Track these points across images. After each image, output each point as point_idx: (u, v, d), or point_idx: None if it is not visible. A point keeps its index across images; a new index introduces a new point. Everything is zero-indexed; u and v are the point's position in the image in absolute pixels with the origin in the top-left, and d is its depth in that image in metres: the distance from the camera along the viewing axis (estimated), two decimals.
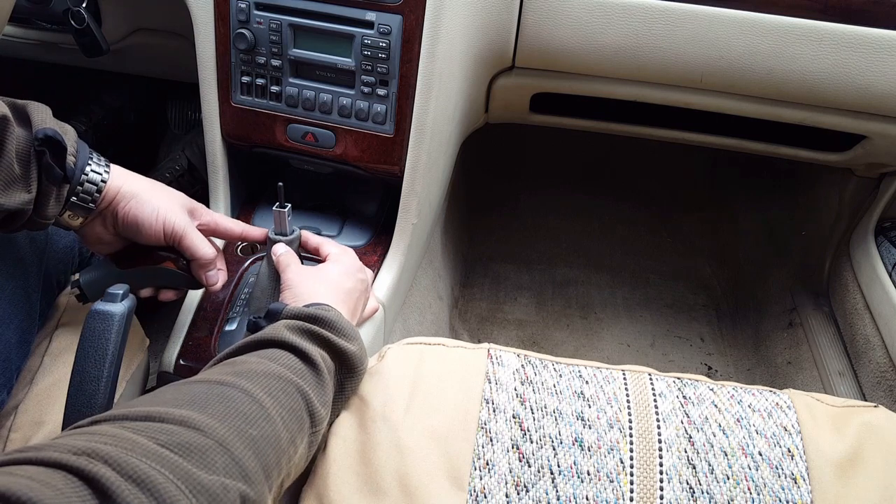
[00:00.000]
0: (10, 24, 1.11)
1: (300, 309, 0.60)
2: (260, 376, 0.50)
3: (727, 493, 0.56)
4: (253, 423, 0.46)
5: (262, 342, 0.55)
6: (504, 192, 1.66)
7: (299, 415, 0.51)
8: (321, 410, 0.54)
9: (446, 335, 1.28)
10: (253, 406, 0.48)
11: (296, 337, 0.56)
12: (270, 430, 0.47)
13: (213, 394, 0.47)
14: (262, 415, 0.48)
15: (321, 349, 0.57)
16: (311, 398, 0.53)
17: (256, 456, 0.45)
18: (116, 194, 0.67)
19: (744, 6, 0.82)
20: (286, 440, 0.49)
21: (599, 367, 0.66)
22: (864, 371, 1.10)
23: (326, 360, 0.57)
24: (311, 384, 0.54)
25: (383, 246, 0.92)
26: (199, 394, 0.47)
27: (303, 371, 0.54)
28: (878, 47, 0.81)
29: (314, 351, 0.56)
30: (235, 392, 0.48)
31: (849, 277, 1.18)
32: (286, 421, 0.49)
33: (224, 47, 0.85)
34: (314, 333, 0.57)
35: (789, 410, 0.62)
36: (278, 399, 0.50)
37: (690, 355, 1.35)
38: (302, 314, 0.59)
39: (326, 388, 0.56)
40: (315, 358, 0.55)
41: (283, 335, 0.55)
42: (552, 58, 0.90)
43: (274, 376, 0.51)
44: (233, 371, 0.51)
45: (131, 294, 0.61)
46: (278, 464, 0.48)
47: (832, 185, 1.30)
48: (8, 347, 0.66)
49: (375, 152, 0.86)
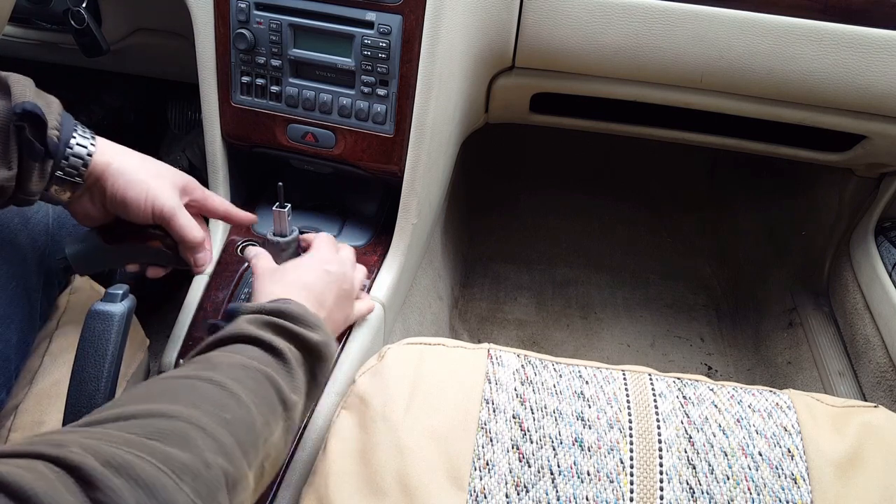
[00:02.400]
0: (10, 24, 1.10)
1: (258, 305, 0.60)
2: (226, 367, 0.51)
3: (727, 494, 0.56)
4: (224, 408, 0.47)
5: (224, 339, 0.55)
6: (504, 192, 1.66)
7: (270, 400, 0.51)
8: (292, 396, 0.54)
9: (446, 335, 1.28)
10: (223, 393, 0.48)
11: (258, 329, 0.56)
12: (243, 413, 0.48)
13: (182, 385, 0.48)
14: (232, 400, 0.48)
15: (283, 339, 0.57)
16: (281, 385, 0.53)
17: (232, 435, 0.46)
18: (105, 170, 0.64)
19: (744, 6, 0.82)
20: (260, 422, 0.49)
21: (599, 367, 0.66)
22: (864, 371, 1.10)
23: (292, 350, 0.57)
24: (278, 372, 0.54)
25: (383, 246, 0.92)
26: (168, 387, 0.47)
27: (269, 360, 0.54)
28: (878, 47, 0.81)
29: (278, 341, 0.56)
30: (204, 383, 0.48)
31: (849, 277, 1.18)
32: (258, 405, 0.50)
33: (224, 47, 0.85)
34: (275, 325, 0.57)
35: (789, 410, 0.62)
36: (247, 385, 0.50)
37: (690, 355, 1.35)
38: (261, 309, 0.59)
39: (295, 375, 0.56)
40: (280, 347, 0.55)
41: (244, 329, 0.55)
42: (552, 58, 0.90)
43: (240, 366, 0.51)
44: (200, 366, 0.51)
45: (131, 294, 0.61)
46: (255, 445, 0.48)
47: (832, 185, 1.30)
48: (8, 347, 0.66)
49: (375, 152, 0.86)
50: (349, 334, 0.80)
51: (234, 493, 0.44)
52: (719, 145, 1.09)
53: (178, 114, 1.51)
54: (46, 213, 0.74)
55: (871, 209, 1.19)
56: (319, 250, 0.74)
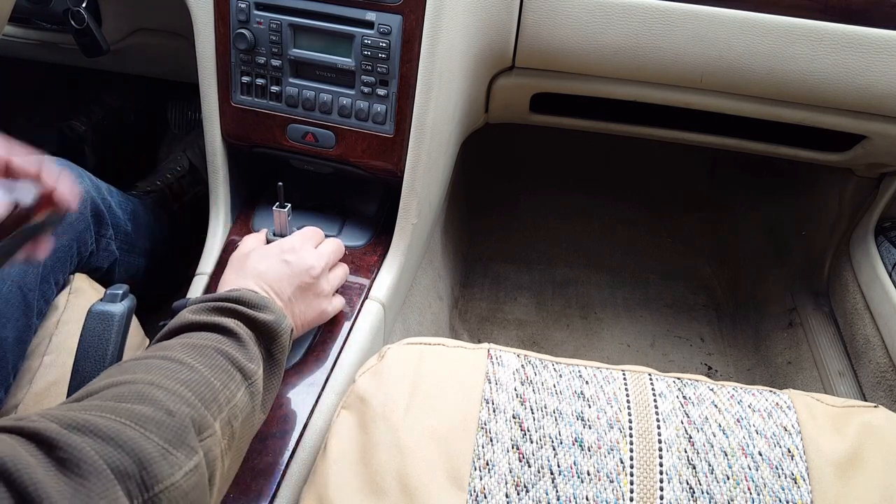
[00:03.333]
0: (10, 24, 1.11)
1: (201, 297, 0.61)
2: (178, 347, 0.52)
3: (727, 494, 0.56)
4: (178, 373, 0.48)
5: (174, 330, 0.57)
6: (504, 192, 1.66)
7: (225, 368, 0.52)
8: (249, 364, 0.55)
9: (446, 335, 1.28)
10: (175, 364, 0.49)
11: (201, 315, 0.57)
12: (197, 376, 0.49)
13: (137, 364, 0.49)
14: (185, 368, 0.49)
15: (230, 318, 0.58)
16: (235, 356, 0.54)
17: (190, 390, 0.47)
18: None
19: (744, 6, 0.82)
20: (218, 385, 0.50)
21: (599, 367, 0.66)
22: (864, 371, 1.10)
23: (242, 327, 0.58)
24: (229, 346, 0.55)
25: (383, 246, 0.92)
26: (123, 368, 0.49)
27: (219, 338, 0.55)
28: (878, 47, 0.81)
29: (225, 320, 0.57)
30: (156, 360, 0.50)
31: (849, 277, 1.18)
32: (212, 371, 0.51)
33: (224, 47, 0.85)
34: (221, 308, 0.58)
35: (789, 410, 0.62)
36: (199, 359, 0.51)
37: (690, 355, 1.35)
38: (204, 299, 0.60)
39: (249, 348, 0.56)
40: (227, 324, 0.56)
41: (187, 319, 0.57)
42: (552, 58, 0.90)
43: (190, 346, 0.53)
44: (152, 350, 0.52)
45: (131, 294, 0.61)
46: (216, 399, 0.49)
47: (832, 185, 1.30)
48: (4, 346, 0.66)
49: (375, 152, 0.86)
50: (349, 334, 0.80)
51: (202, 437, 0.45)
52: (719, 145, 1.09)
53: (178, 114, 1.51)
54: None
55: (871, 209, 1.19)
56: (288, 240, 0.74)
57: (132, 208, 0.93)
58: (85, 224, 0.80)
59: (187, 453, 0.43)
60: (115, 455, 0.38)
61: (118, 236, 0.88)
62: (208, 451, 0.46)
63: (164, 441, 0.41)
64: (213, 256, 0.89)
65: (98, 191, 0.84)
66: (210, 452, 0.46)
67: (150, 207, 1.04)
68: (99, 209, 0.83)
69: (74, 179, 0.69)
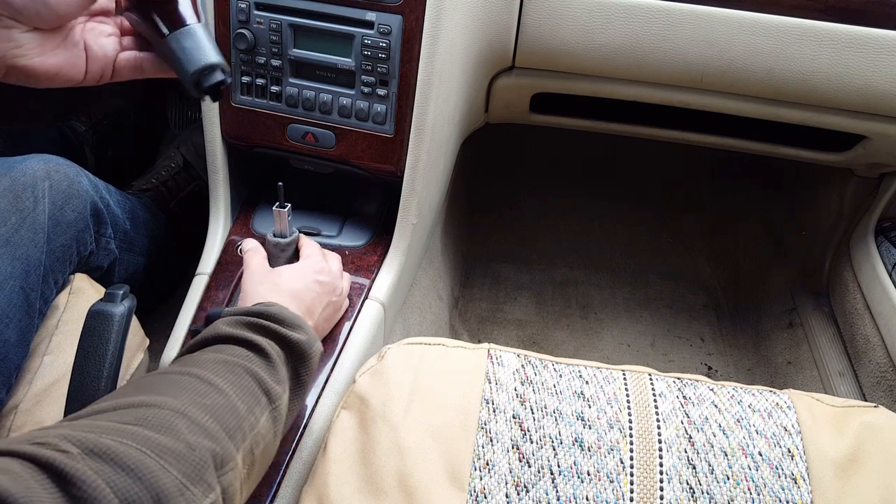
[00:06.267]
0: None
1: (238, 308, 0.61)
2: (207, 363, 0.52)
3: (727, 494, 0.56)
4: (205, 395, 0.48)
5: (205, 341, 0.56)
6: (504, 192, 1.66)
7: (252, 390, 0.52)
8: (276, 387, 0.54)
9: (446, 335, 1.28)
10: (203, 384, 0.49)
11: (235, 329, 0.57)
12: (224, 401, 0.49)
13: (163, 380, 0.49)
14: (213, 390, 0.49)
15: (264, 337, 0.58)
16: (263, 377, 0.53)
17: (215, 420, 0.46)
18: None
19: (744, 6, 0.82)
20: (243, 409, 0.50)
21: (599, 367, 0.66)
22: (864, 371, 1.10)
23: (273, 346, 0.58)
24: (259, 365, 0.54)
25: (383, 246, 0.92)
26: (150, 383, 0.48)
27: (249, 356, 0.55)
28: (878, 47, 0.81)
29: (258, 338, 0.57)
30: (185, 377, 0.49)
31: (849, 277, 1.18)
32: (239, 394, 0.50)
33: (224, 47, 0.85)
34: (255, 324, 0.58)
35: (789, 411, 0.62)
36: (227, 378, 0.51)
37: (690, 355, 1.35)
38: (240, 311, 0.60)
39: (278, 369, 0.56)
40: (259, 342, 0.56)
41: (221, 330, 0.57)
42: (552, 58, 0.90)
43: (220, 362, 0.52)
44: (181, 364, 0.52)
45: (131, 294, 0.61)
46: (240, 428, 0.49)
47: (832, 185, 1.30)
48: (6, 346, 0.66)
49: (375, 152, 0.86)
50: (349, 335, 0.80)
51: (223, 472, 0.45)
52: (719, 145, 1.09)
53: (178, 114, 1.51)
54: (44, 212, 0.74)
55: (871, 209, 1.19)
56: (311, 258, 0.75)
57: (131, 207, 0.93)
58: (84, 223, 0.79)
59: (204, 490, 0.42)
60: (131, 488, 0.37)
61: (117, 235, 0.88)
62: (228, 486, 0.45)
63: (183, 475, 0.41)
64: (213, 256, 0.90)
65: (96, 190, 0.84)
66: (230, 487, 0.45)
67: (148, 206, 1.04)
68: (98, 208, 0.83)
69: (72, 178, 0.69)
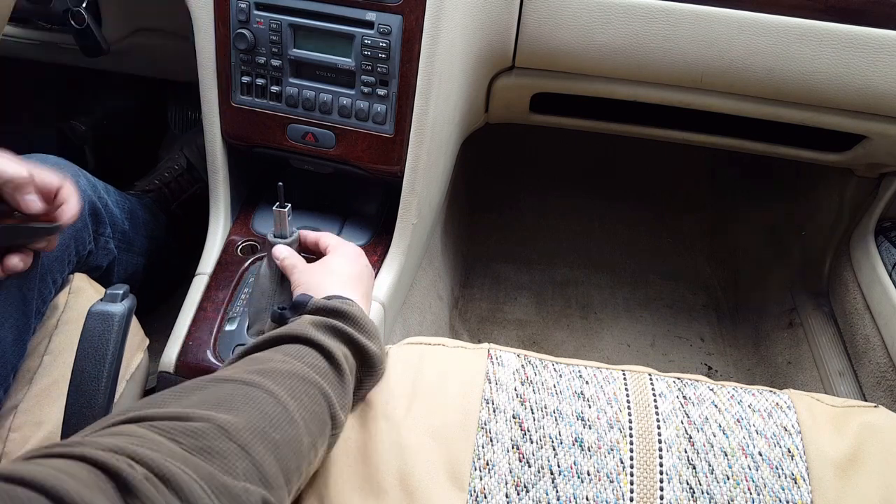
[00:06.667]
0: (10, 24, 1.11)
1: (324, 302, 0.60)
2: (285, 376, 0.50)
3: (727, 494, 0.56)
4: (276, 427, 0.46)
5: (287, 338, 0.56)
6: (504, 192, 1.66)
7: (322, 418, 0.51)
8: (341, 415, 0.54)
9: (446, 335, 1.28)
10: (277, 409, 0.47)
11: (321, 334, 0.56)
12: (293, 434, 0.47)
13: (239, 394, 0.47)
14: (285, 418, 0.47)
15: (344, 346, 0.57)
16: (334, 401, 0.53)
17: (277, 461, 0.45)
18: None
19: (744, 6, 0.82)
20: (307, 444, 0.49)
21: (599, 367, 0.66)
22: (864, 371, 1.09)
23: (349, 359, 0.57)
24: (333, 386, 0.54)
25: (383, 246, 0.92)
26: (226, 395, 0.47)
27: (326, 371, 0.54)
28: (879, 47, 0.81)
29: (338, 350, 0.56)
30: (260, 393, 0.48)
31: (849, 277, 1.18)
32: (308, 424, 0.49)
33: (224, 48, 0.85)
34: (338, 330, 0.57)
35: (789, 410, 0.62)
36: (302, 402, 0.50)
37: (690, 355, 1.35)
38: (326, 307, 0.59)
39: (347, 390, 0.56)
40: (339, 358, 0.55)
41: (308, 332, 0.55)
42: (552, 58, 0.90)
43: (298, 377, 0.51)
44: (258, 369, 0.51)
45: (131, 294, 0.61)
46: (298, 468, 0.48)
47: (832, 185, 1.30)
48: (3, 346, 0.66)
49: (375, 152, 0.86)
50: None
51: None
52: (719, 145, 1.09)
53: (178, 114, 1.51)
54: None
55: (871, 209, 1.19)
56: (344, 245, 0.75)
57: (129, 207, 0.93)
58: (82, 223, 0.79)
59: None
60: None
61: (116, 235, 0.88)
62: None
63: None
64: (213, 256, 0.90)
65: (95, 189, 0.84)
66: None
67: (149, 206, 1.04)
68: (96, 207, 0.83)
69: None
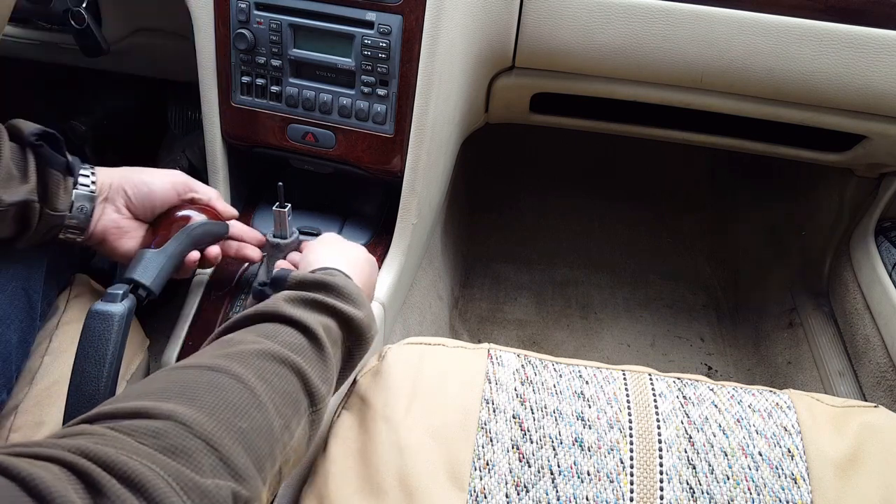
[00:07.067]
0: (10, 24, 1.10)
1: (304, 275, 0.59)
2: (253, 357, 0.49)
3: (727, 494, 0.56)
4: (242, 415, 0.45)
5: (259, 316, 0.54)
6: (504, 192, 1.66)
7: (295, 397, 0.50)
8: (321, 388, 0.52)
9: (446, 335, 1.28)
10: (243, 394, 0.46)
11: (296, 309, 0.54)
12: (261, 419, 0.46)
13: (203, 381, 0.46)
14: (252, 403, 0.46)
15: (326, 317, 0.56)
16: (310, 376, 0.51)
17: (247, 451, 0.44)
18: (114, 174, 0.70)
19: (744, 6, 0.82)
20: (279, 427, 0.48)
21: (599, 367, 0.66)
22: (864, 371, 1.10)
23: (331, 331, 0.55)
24: (310, 360, 0.52)
25: (383, 246, 0.92)
26: (189, 382, 0.46)
27: (302, 347, 0.52)
28: (879, 47, 0.81)
29: (316, 322, 0.54)
30: (226, 379, 0.47)
31: (849, 277, 1.18)
32: (279, 406, 0.48)
33: (224, 48, 0.85)
34: (317, 302, 0.56)
35: (789, 411, 0.62)
36: (271, 383, 0.48)
37: (690, 355, 1.35)
38: (306, 280, 0.58)
39: (329, 364, 0.54)
40: (317, 331, 0.53)
41: (281, 308, 0.54)
42: (552, 58, 0.90)
43: (268, 357, 0.50)
44: (226, 353, 0.49)
45: (131, 294, 0.61)
46: (272, 454, 0.47)
47: (832, 185, 1.30)
48: (8, 347, 0.66)
49: (375, 152, 0.86)
50: None
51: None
52: (719, 145, 1.09)
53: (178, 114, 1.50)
54: None
55: (871, 209, 1.19)
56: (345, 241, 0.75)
57: None
58: None
59: None
60: None
61: None
62: None
63: None
64: None
65: None
66: None
67: None
68: None
69: None
